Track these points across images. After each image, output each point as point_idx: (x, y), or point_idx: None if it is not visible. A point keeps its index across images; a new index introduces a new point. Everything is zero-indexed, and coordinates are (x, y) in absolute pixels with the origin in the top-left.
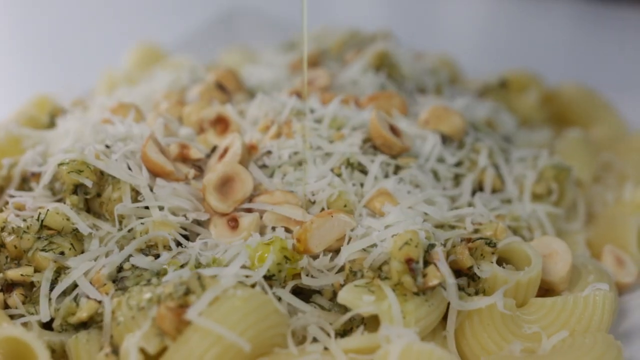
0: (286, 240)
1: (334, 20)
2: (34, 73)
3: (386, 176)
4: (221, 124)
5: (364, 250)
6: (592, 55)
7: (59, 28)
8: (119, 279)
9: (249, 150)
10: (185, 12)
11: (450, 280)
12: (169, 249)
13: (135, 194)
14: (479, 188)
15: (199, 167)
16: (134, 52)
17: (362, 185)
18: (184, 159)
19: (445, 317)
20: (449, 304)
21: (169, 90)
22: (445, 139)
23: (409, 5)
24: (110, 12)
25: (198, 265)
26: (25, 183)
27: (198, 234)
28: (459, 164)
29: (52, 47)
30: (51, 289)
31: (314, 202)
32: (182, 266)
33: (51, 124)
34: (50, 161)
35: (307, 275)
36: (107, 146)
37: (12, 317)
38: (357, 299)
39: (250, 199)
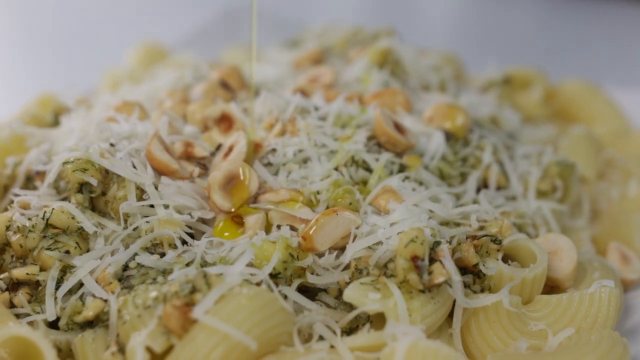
0: (291, 238)
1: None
2: (37, 71)
3: (391, 174)
4: (225, 122)
5: (370, 247)
6: (595, 52)
7: (61, 26)
8: (124, 278)
9: (254, 148)
10: (187, 9)
11: (456, 277)
12: (175, 247)
13: (140, 193)
14: (483, 185)
15: (204, 165)
16: (137, 50)
17: (366, 183)
18: (188, 157)
19: (451, 315)
20: (454, 301)
21: (172, 89)
22: (450, 136)
23: (412, 1)
24: (113, 11)
25: (204, 263)
26: (29, 182)
27: (203, 232)
28: (463, 161)
29: (55, 45)
30: (57, 287)
31: (319, 200)
32: (187, 264)
33: (55, 123)
34: (55, 160)
35: (312, 274)
36: (112, 144)
37: (18, 316)
38: (362, 296)
39: (255, 197)
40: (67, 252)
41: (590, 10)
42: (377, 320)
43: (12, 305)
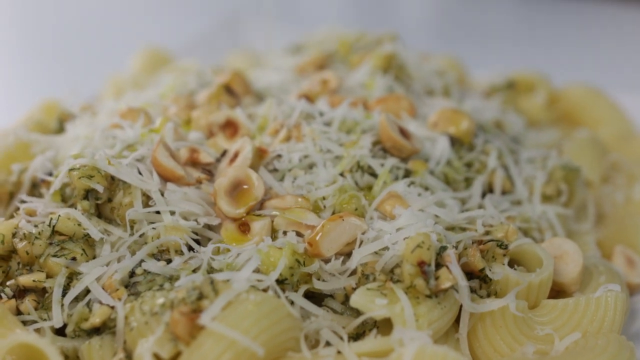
0: (298, 244)
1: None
2: (41, 78)
3: (396, 179)
4: (230, 127)
5: (376, 253)
6: (599, 56)
7: (65, 32)
8: (131, 284)
9: (259, 154)
10: (191, 15)
11: (462, 282)
12: (181, 253)
13: (146, 199)
14: (488, 190)
15: (209, 171)
16: (140, 56)
17: (371, 188)
18: (194, 163)
19: (457, 320)
20: (461, 306)
21: (177, 95)
22: (455, 141)
23: (413, 5)
24: (116, 16)
25: (210, 270)
26: (35, 189)
27: (210, 239)
28: (468, 166)
29: (58, 51)
30: (63, 294)
31: (324, 206)
32: (194, 271)
33: (60, 129)
34: (60, 167)
35: (318, 280)
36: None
37: (24, 323)
38: (369, 302)
39: (261, 203)
40: (74, 258)
41: (593, 13)
42: (384, 326)
43: (18, 312)
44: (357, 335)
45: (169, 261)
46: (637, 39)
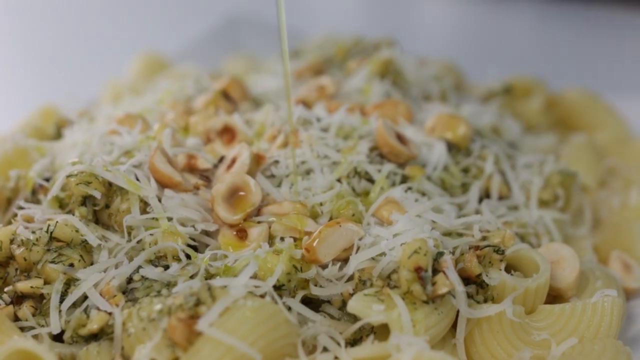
0: (295, 250)
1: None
2: (38, 84)
3: (393, 184)
4: (228, 133)
5: (373, 259)
6: (596, 60)
7: (62, 38)
8: (129, 290)
9: (257, 160)
10: (188, 20)
11: (459, 288)
12: (178, 259)
13: (144, 205)
14: (485, 195)
15: (207, 177)
16: (138, 61)
17: (368, 194)
18: (191, 169)
19: (454, 325)
20: (458, 311)
21: (174, 100)
22: (452, 146)
23: (412, 9)
24: (114, 22)
25: (208, 276)
26: (33, 195)
27: (207, 245)
28: (465, 171)
29: (55, 57)
30: (61, 301)
31: (322, 212)
32: (191, 277)
33: (57, 135)
34: (58, 173)
35: (316, 285)
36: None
37: (22, 329)
38: (366, 307)
39: (258, 209)
40: (71, 265)
41: (590, 17)
42: (381, 332)
43: (16, 319)
44: (354, 341)
45: (166, 267)
46: (635, 43)
